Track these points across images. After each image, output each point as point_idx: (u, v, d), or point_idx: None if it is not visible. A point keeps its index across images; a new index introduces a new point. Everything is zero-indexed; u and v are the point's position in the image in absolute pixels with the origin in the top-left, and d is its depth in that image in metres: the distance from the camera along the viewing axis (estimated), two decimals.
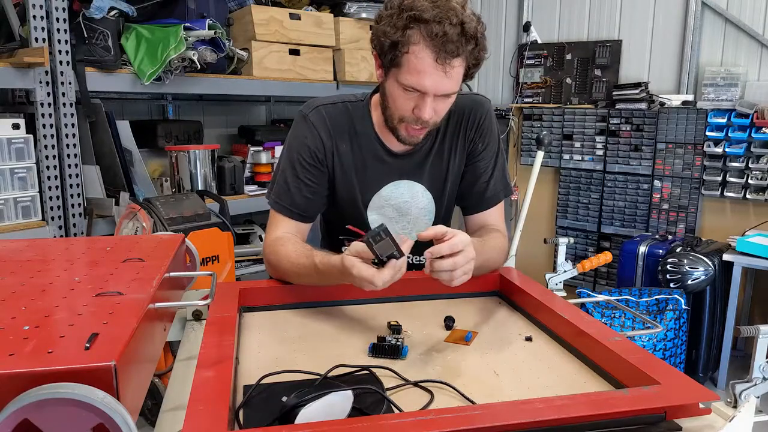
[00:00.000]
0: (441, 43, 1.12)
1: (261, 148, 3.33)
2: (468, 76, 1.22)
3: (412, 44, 1.14)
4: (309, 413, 0.75)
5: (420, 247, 1.45)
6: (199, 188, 2.86)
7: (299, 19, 3.20)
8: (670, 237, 3.41)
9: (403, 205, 1.40)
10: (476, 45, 1.17)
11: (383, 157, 1.37)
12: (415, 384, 0.90)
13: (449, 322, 1.13)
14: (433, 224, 1.44)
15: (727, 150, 3.30)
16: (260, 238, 3.21)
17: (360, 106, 1.38)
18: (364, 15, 3.52)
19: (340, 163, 1.36)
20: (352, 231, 1.41)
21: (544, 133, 3.91)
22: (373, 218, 1.41)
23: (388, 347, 1.00)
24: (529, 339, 1.08)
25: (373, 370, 0.93)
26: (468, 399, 0.85)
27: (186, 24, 2.57)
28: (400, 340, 1.02)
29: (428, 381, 0.90)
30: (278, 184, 1.36)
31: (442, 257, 1.03)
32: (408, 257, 1.45)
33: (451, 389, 0.88)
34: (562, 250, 2.39)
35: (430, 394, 0.87)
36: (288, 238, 1.31)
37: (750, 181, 3.27)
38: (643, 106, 3.62)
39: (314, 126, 1.33)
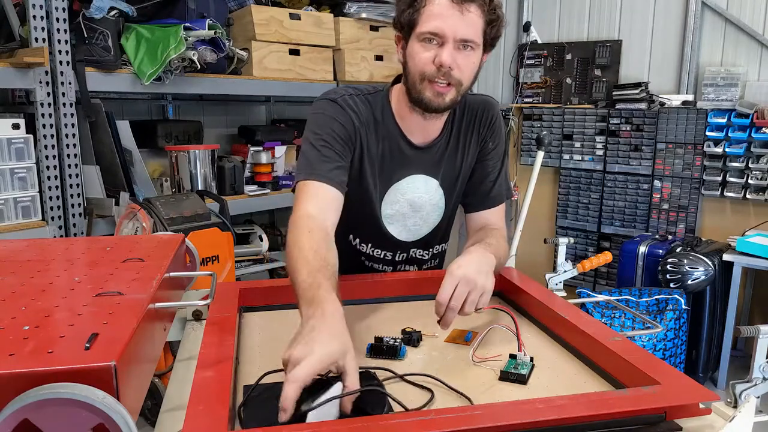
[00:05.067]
0: None
1: (261, 148, 3.33)
2: (488, 40, 1.25)
3: None
4: (319, 413, 0.75)
5: (424, 241, 1.45)
6: (199, 188, 2.86)
7: (299, 19, 3.20)
8: (670, 237, 3.41)
9: (417, 200, 1.40)
10: (492, 1, 1.21)
11: (404, 149, 1.36)
12: (402, 377, 0.91)
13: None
14: (441, 220, 1.44)
15: (727, 150, 3.30)
16: (260, 238, 3.21)
17: (379, 97, 1.36)
18: (364, 15, 3.52)
19: (363, 153, 1.33)
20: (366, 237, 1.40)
21: (544, 133, 3.91)
22: (387, 212, 1.39)
23: (386, 348, 1.00)
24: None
25: (374, 370, 0.93)
26: (463, 395, 0.85)
27: (186, 24, 2.57)
28: (397, 340, 1.02)
29: (415, 374, 0.91)
30: (308, 159, 1.26)
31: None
32: (413, 250, 1.44)
33: (442, 384, 0.88)
34: (562, 250, 2.39)
35: (431, 393, 0.87)
36: (320, 225, 1.14)
37: (750, 181, 3.27)
38: (643, 106, 3.62)
39: (346, 110, 1.30)
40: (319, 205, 1.18)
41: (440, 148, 1.39)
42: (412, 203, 1.40)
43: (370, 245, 1.42)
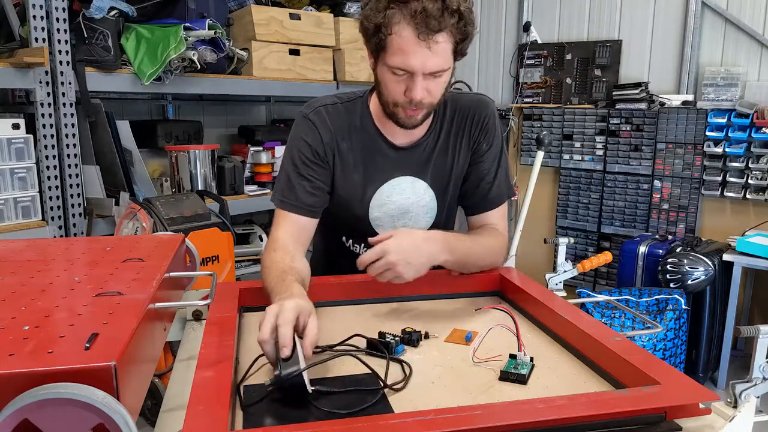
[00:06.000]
0: (421, 20, 1.13)
1: (261, 148, 3.33)
2: (459, 52, 1.22)
3: (394, 24, 1.15)
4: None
5: None
6: (199, 188, 2.86)
7: (299, 19, 3.20)
8: (670, 237, 3.41)
9: (405, 201, 1.40)
10: (461, 18, 1.16)
11: (386, 151, 1.37)
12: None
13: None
14: (434, 223, 1.44)
15: (727, 150, 3.30)
16: (260, 238, 3.21)
17: (359, 102, 1.38)
18: None
19: (341, 161, 1.36)
20: (356, 234, 1.41)
21: (544, 133, 3.91)
22: (376, 216, 1.40)
23: (382, 345, 1.00)
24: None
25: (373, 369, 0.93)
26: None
27: (186, 24, 2.57)
28: (396, 338, 1.02)
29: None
30: (282, 183, 1.36)
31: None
32: None
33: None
34: (562, 250, 2.39)
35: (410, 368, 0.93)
36: (284, 245, 1.28)
37: (750, 181, 3.27)
38: (643, 106, 3.62)
39: (314, 125, 1.34)
40: (289, 231, 1.31)
41: (427, 148, 1.38)
42: (399, 205, 1.40)
43: (363, 246, 1.42)
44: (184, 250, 1.26)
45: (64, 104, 2.33)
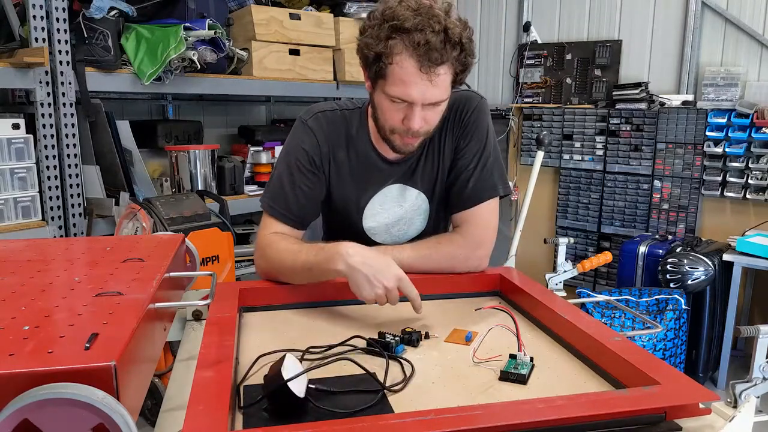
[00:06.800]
0: (424, 52, 1.12)
1: (261, 148, 3.33)
2: (457, 81, 1.21)
3: (396, 54, 1.14)
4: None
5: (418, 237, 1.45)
6: (199, 188, 2.86)
7: (299, 19, 3.20)
8: (670, 237, 3.41)
9: (397, 209, 1.40)
10: (462, 50, 1.16)
11: (378, 164, 1.37)
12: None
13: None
14: (427, 224, 1.44)
15: (727, 150, 3.30)
16: None
17: (357, 113, 1.37)
18: (364, 15, 3.51)
19: (336, 170, 1.36)
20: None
21: (544, 133, 3.91)
22: (369, 225, 1.41)
23: (381, 345, 1.00)
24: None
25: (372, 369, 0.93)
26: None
27: (186, 24, 2.57)
28: (396, 337, 1.02)
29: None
30: (274, 188, 1.35)
31: None
32: None
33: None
34: (562, 250, 2.39)
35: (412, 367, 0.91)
36: (287, 236, 1.31)
37: (750, 181, 3.27)
38: (643, 106, 3.62)
39: (312, 132, 1.33)
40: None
41: (415, 157, 1.38)
42: (392, 213, 1.40)
43: None
44: (184, 250, 1.26)
45: (64, 104, 2.33)
